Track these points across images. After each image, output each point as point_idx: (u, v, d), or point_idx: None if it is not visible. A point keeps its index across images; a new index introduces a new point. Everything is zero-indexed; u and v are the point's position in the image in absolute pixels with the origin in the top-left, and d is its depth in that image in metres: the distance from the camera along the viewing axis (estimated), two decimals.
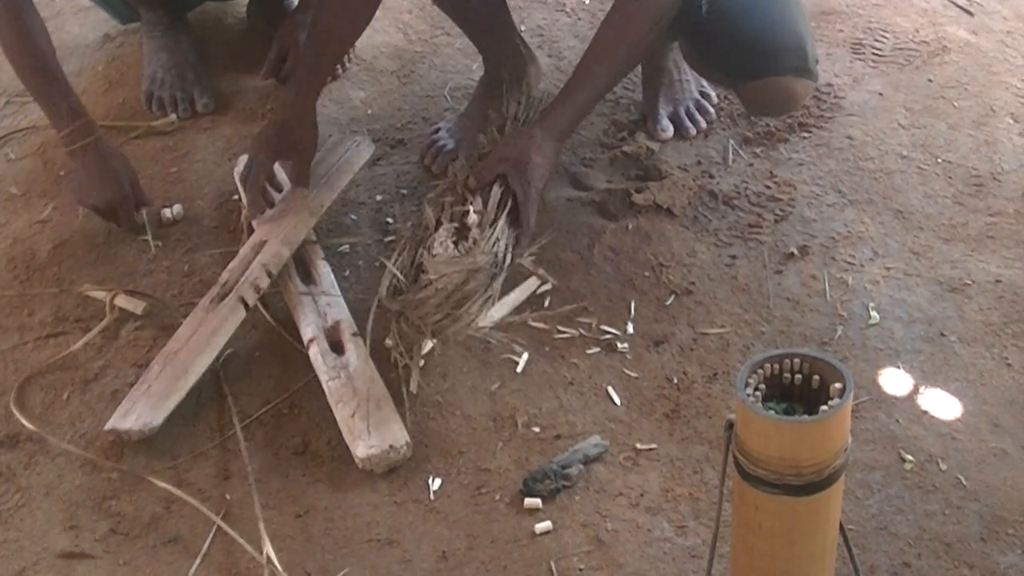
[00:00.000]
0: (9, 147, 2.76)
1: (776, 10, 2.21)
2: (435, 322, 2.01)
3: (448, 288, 2.01)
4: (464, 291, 2.02)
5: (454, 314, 2.01)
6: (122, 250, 2.45)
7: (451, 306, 2.01)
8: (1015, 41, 2.92)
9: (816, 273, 2.31)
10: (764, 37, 2.20)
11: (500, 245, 2.08)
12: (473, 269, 2.02)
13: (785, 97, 2.28)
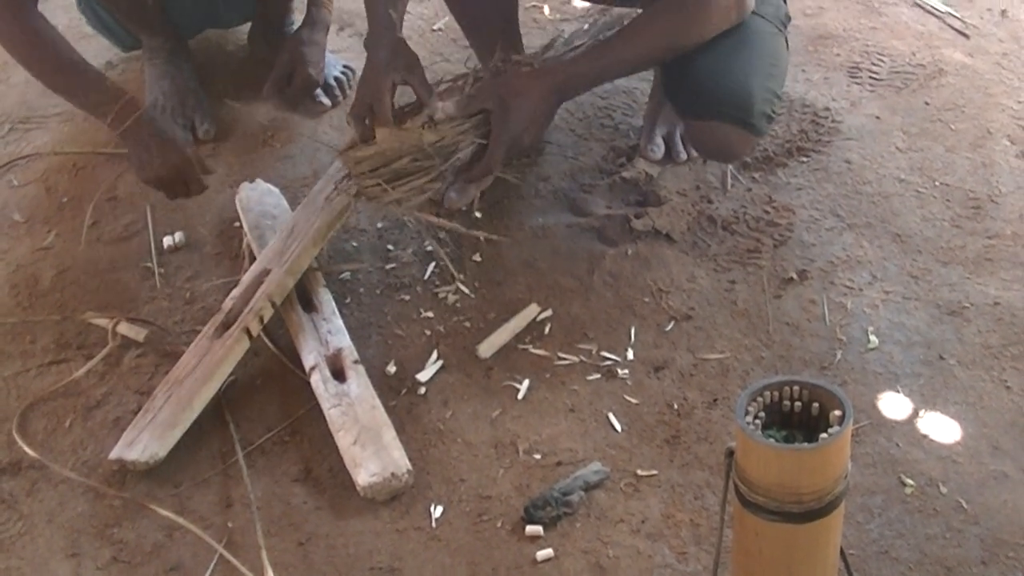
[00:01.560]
0: (12, 174, 2.76)
1: (737, 58, 2.21)
2: (366, 185, 2.09)
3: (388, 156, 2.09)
4: (403, 167, 2.09)
5: (384, 185, 2.09)
6: (124, 277, 2.46)
7: (387, 176, 2.09)
8: (1011, 63, 2.93)
9: (815, 297, 2.31)
10: (712, 81, 2.19)
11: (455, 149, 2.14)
12: (415, 146, 2.09)
13: (722, 144, 2.28)
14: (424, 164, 2.11)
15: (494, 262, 2.41)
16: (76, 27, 3.11)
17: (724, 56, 2.20)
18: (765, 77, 2.25)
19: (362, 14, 2.92)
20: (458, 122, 2.15)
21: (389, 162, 2.10)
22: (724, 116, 2.21)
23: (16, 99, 2.99)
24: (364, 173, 2.11)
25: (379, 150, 2.12)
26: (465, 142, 2.15)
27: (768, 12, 2.33)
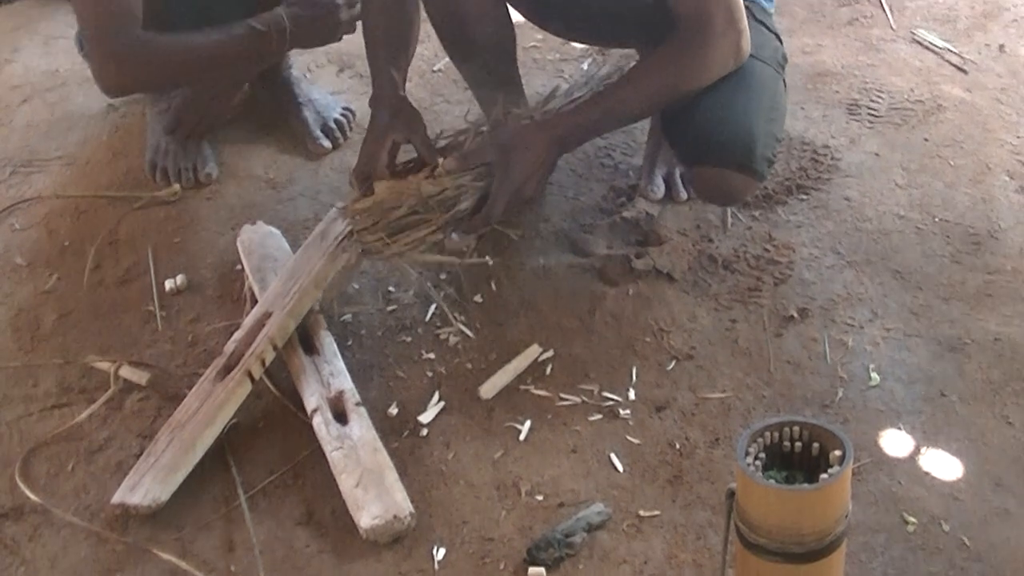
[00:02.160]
0: (14, 217, 2.78)
1: (737, 103, 2.23)
2: (368, 241, 2.12)
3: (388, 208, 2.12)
4: (405, 221, 2.12)
5: (386, 239, 2.12)
6: (126, 320, 2.47)
7: (388, 229, 2.12)
8: (1009, 98, 2.96)
9: (816, 335, 2.32)
10: (714, 127, 2.22)
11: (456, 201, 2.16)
12: (415, 198, 2.13)
13: (724, 189, 2.30)
14: (425, 216, 2.14)
15: (495, 303, 2.43)
16: (78, 70, 3.15)
17: (724, 101, 2.23)
18: (766, 121, 2.28)
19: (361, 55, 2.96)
20: (459, 174, 2.18)
21: (389, 214, 2.13)
22: (726, 162, 2.23)
23: (18, 142, 3.01)
24: (366, 228, 2.14)
25: (378, 200, 2.15)
26: (466, 195, 2.18)
27: (766, 55, 2.36)
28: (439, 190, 2.15)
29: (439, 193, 2.15)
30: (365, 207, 2.15)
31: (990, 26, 3.23)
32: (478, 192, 2.20)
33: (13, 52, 3.37)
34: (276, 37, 2.57)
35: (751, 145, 2.23)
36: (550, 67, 3.10)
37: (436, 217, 2.16)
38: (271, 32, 2.56)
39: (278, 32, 2.56)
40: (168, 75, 2.58)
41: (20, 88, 3.22)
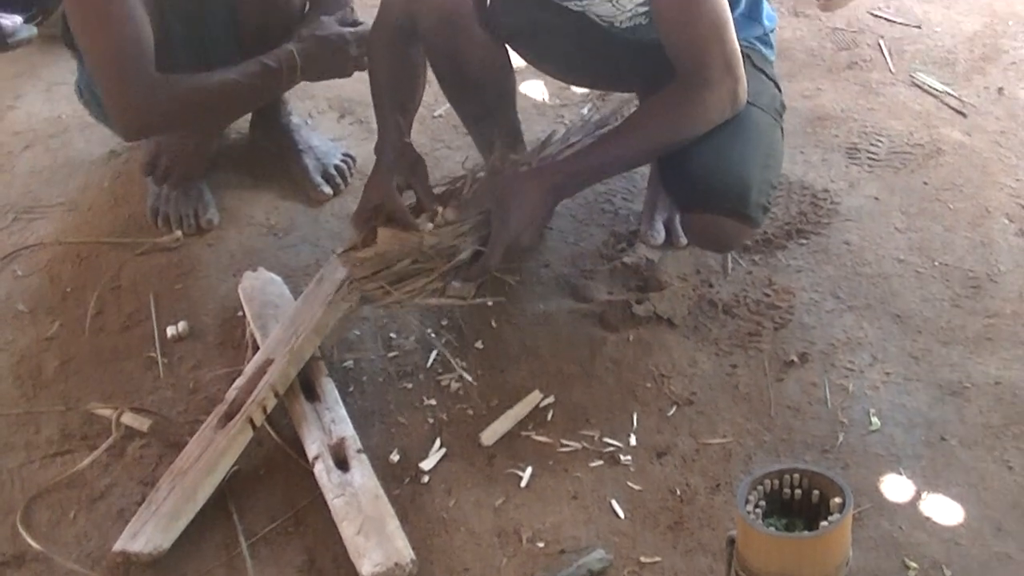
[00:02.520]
0: (16, 264, 2.79)
1: (733, 150, 2.26)
2: (368, 288, 2.15)
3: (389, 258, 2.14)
4: (404, 270, 2.15)
5: (387, 287, 2.14)
6: (128, 367, 2.49)
7: (388, 278, 2.14)
8: (1008, 141, 2.98)
9: (816, 380, 2.34)
10: (709, 173, 2.25)
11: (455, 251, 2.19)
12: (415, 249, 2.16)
13: (719, 235, 2.33)
14: (425, 266, 2.17)
15: (496, 349, 2.45)
16: (79, 116, 3.17)
17: (721, 148, 2.25)
18: (762, 168, 2.30)
19: (362, 101, 3.01)
20: (458, 224, 2.21)
21: (390, 264, 2.16)
22: (721, 209, 2.26)
23: (21, 188, 3.03)
24: (366, 276, 2.17)
25: (379, 251, 2.19)
26: (465, 243, 2.20)
27: (764, 102, 2.38)
28: (438, 240, 2.18)
29: (438, 242, 2.18)
30: (366, 256, 2.18)
31: (989, 69, 3.25)
32: (477, 241, 2.23)
33: (16, 98, 3.39)
34: (287, 74, 2.62)
35: (746, 192, 2.25)
36: (550, 113, 3.12)
37: (436, 266, 2.18)
38: (283, 68, 2.60)
39: (289, 69, 2.61)
40: (187, 115, 2.61)
41: (22, 134, 3.24)
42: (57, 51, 3.39)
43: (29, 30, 3.46)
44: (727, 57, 2.20)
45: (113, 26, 2.46)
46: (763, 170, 2.30)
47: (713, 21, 2.17)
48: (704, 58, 2.18)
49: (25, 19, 3.46)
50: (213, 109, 2.64)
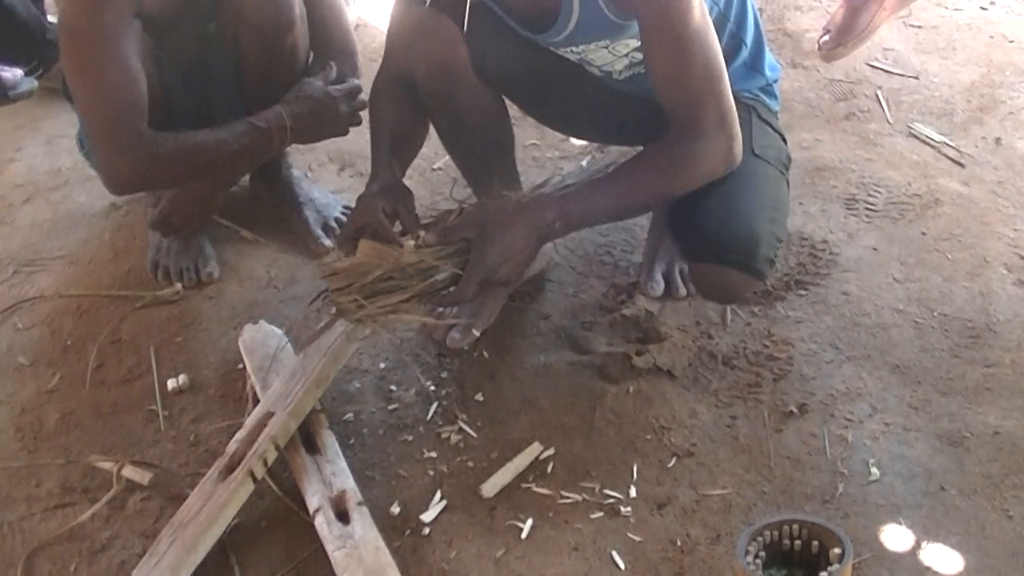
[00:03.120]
0: (17, 316, 2.83)
1: (742, 203, 2.29)
2: (341, 301, 2.13)
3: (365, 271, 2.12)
4: (380, 285, 2.12)
5: (359, 300, 2.11)
6: (129, 420, 2.52)
7: (363, 291, 2.12)
8: (1006, 191, 3.01)
9: (816, 431, 2.37)
10: (718, 225, 2.28)
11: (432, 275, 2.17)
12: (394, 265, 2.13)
13: (725, 287, 2.36)
14: (401, 284, 2.15)
15: (496, 401, 2.48)
16: (80, 169, 3.22)
17: (730, 201, 2.29)
18: (769, 221, 2.34)
19: (362, 154, 3.05)
20: (440, 248, 2.19)
21: (365, 277, 2.14)
22: (728, 261, 2.29)
23: (21, 242, 3.07)
24: (340, 288, 2.15)
25: (357, 263, 2.17)
26: (444, 267, 2.18)
27: (771, 155, 2.43)
28: (418, 260, 2.16)
29: (417, 263, 2.16)
30: (343, 267, 2.17)
31: (986, 119, 3.29)
32: (457, 265, 2.20)
33: (16, 151, 3.44)
34: (277, 134, 2.65)
35: (754, 245, 2.29)
36: (549, 164, 3.17)
37: (412, 284, 2.16)
38: (272, 129, 2.64)
39: (278, 129, 2.65)
40: (174, 172, 2.65)
41: (23, 187, 3.29)
42: (58, 104, 3.44)
43: (30, 83, 3.53)
44: (721, 112, 2.22)
45: (106, 80, 2.51)
46: (770, 224, 2.34)
47: (707, 75, 2.20)
48: (697, 111, 2.21)
49: (26, 72, 3.53)
50: (201, 168, 2.67)
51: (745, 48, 2.50)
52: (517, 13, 2.36)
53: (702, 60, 2.19)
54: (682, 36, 2.17)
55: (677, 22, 2.16)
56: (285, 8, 2.68)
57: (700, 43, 2.18)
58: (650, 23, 2.18)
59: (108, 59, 2.50)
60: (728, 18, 2.42)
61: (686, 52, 2.18)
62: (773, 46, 3.59)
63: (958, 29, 3.70)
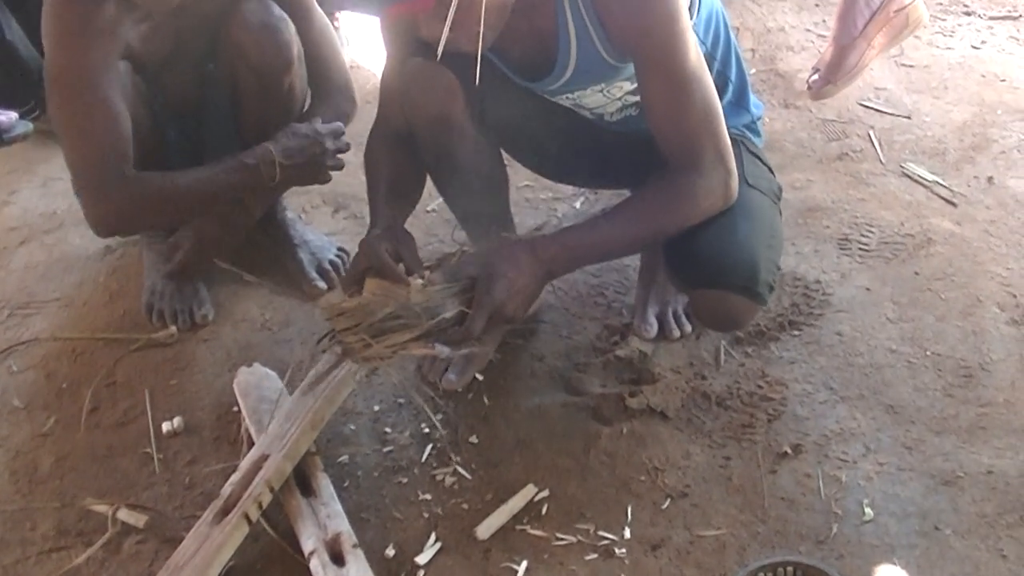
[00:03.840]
0: (12, 359, 2.84)
1: (739, 229, 2.31)
2: (348, 341, 2.12)
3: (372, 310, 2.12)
4: (387, 324, 2.12)
5: (367, 340, 2.11)
6: (124, 463, 2.53)
7: (370, 331, 2.11)
8: (999, 230, 3.04)
9: (810, 471, 2.39)
10: (717, 251, 2.29)
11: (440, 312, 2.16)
12: (400, 304, 2.13)
13: (727, 313, 2.36)
14: (408, 322, 2.14)
15: (491, 443, 2.49)
16: (75, 211, 3.21)
17: (727, 227, 2.30)
18: (767, 248, 2.36)
19: (356, 196, 3.08)
20: (445, 287, 2.20)
21: (372, 315, 2.14)
22: (730, 286, 2.30)
23: (15, 285, 3.09)
24: (348, 328, 2.14)
25: (364, 302, 2.17)
26: (450, 306, 2.18)
27: (764, 186, 2.46)
28: (425, 298, 2.16)
29: (424, 301, 2.16)
30: (349, 307, 2.17)
31: (979, 159, 3.32)
32: (463, 303, 2.20)
33: (11, 194, 3.47)
34: (265, 170, 2.67)
35: (755, 269, 2.30)
36: (543, 206, 3.19)
37: (419, 323, 2.15)
38: (260, 165, 2.67)
39: (266, 164, 2.67)
40: (159, 213, 2.69)
41: (18, 230, 3.31)
42: (52, 147, 3.46)
43: (25, 126, 3.55)
44: (718, 147, 2.25)
45: (89, 123, 2.55)
46: (768, 250, 2.37)
47: (704, 111, 2.23)
48: (696, 147, 2.23)
49: (23, 113, 3.56)
50: (188, 207, 2.71)
51: (731, 85, 2.54)
52: (514, 62, 2.39)
53: (700, 98, 2.22)
54: (680, 74, 2.20)
55: (674, 61, 2.19)
56: (284, 48, 2.71)
57: (697, 81, 2.22)
58: (648, 63, 2.21)
59: (92, 102, 2.54)
60: (715, 57, 2.46)
61: (684, 90, 2.21)
62: (765, 86, 3.64)
63: (950, 68, 3.74)
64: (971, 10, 4.07)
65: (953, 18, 4.03)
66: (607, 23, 2.23)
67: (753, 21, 3.97)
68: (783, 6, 4.09)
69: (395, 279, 2.20)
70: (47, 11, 2.54)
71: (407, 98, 2.44)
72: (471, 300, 2.17)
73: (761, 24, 3.97)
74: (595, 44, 2.27)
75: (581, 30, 2.25)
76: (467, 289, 2.19)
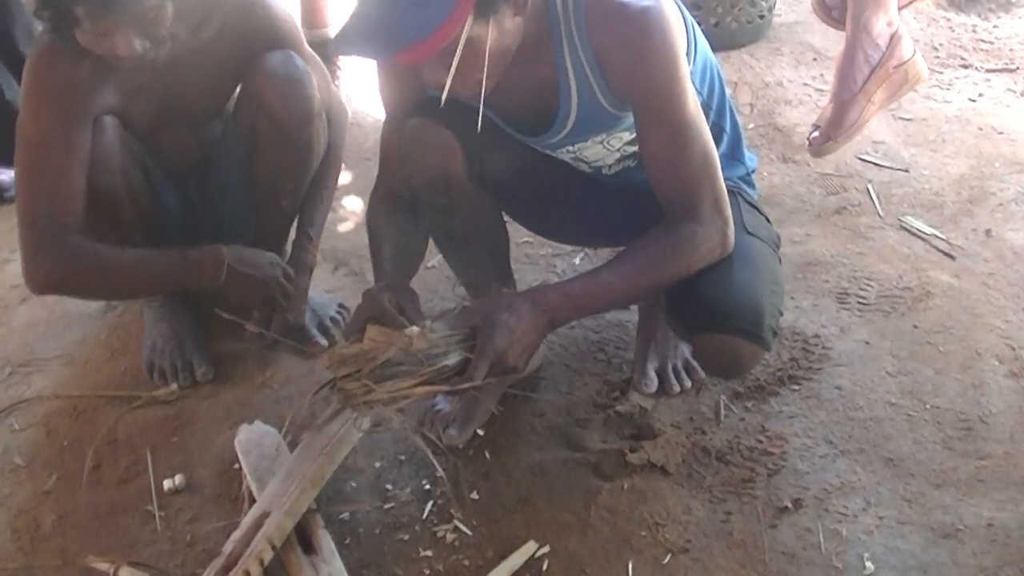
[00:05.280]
0: (13, 417, 2.86)
1: (742, 274, 2.34)
2: (350, 388, 2.11)
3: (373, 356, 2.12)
4: (389, 370, 2.12)
5: (369, 385, 2.10)
6: (125, 520, 2.55)
7: (372, 376, 2.11)
8: (997, 282, 3.08)
9: (810, 525, 2.41)
10: (721, 294, 2.32)
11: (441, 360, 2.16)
12: (402, 351, 2.12)
13: (731, 357, 2.39)
14: (409, 369, 2.14)
15: (491, 499, 2.51)
16: None
17: (730, 273, 2.34)
18: (770, 293, 2.40)
19: (356, 253, 3.11)
20: (447, 335, 2.20)
21: (372, 362, 2.14)
22: (734, 329, 2.33)
23: (17, 342, 3.12)
24: (349, 375, 2.14)
25: (364, 349, 2.16)
26: (452, 354, 2.18)
27: (763, 234, 2.50)
28: (427, 345, 2.16)
29: (426, 348, 2.16)
30: (350, 353, 2.16)
31: (976, 211, 3.37)
32: (466, 350, 2.20)
33: (12, 252, 3.47)
34: (210, 270, 2.68)
35: (759, 313, 2.34)
36: (542, 262, 3.23)
37: (421, 370, 2.15)
38: (205, 264, 2.68)
39: (213, 265, 2.68)
40: (92, 285, 2.70)
41: (20, 287, 3.29)
42: None
43: None
44: (716, 197, 2.29)
45: (40, 182, 2.59)
46: (771, 295, 2.40)
47: (703, 159, 2.27)
48: (694, 196, 2.27)
49: None
50: (118, 288, 2.74)
51: (726, 136, 2.58)
52: (513, 116, 2.44)
53: (699, 146, 2.27)
54: (679, 123, 2.24)
55: (675, 108, 2.24)
56: (307, 101, 2.76)
57: (696, 129, 2.26)
58: (648, 110, 2.26)
59: (43, 162, 2.58)
60: (710, 107, 2.50)
61: (683, 138, 2.25)
62: (764, 141, 3.69)
63: (947, 121, 3.80)
64: (968, 63, 4.14)
65: (950, 71, 4.10)
66: (607, 70, 2.26)
67: (751, 76, 4.03)
68: (781, 61, 4.16)
69: (397, 327, 2.20)
70: (26, 67, 2.59)
71: (407, 159, 2.47)
72: (473, 348, 2.18)
73: (759, 79, 4.03)
74: (595, 92, 2.31)
75: (581, 79, 2.29)
76: (469, 338, 2.20)
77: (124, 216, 2.77)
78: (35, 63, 2.57)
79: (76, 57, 2.50)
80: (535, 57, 2.27)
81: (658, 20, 2.20)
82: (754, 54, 4.16)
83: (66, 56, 2.52)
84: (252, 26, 2.71)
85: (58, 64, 2.54)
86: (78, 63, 2.53)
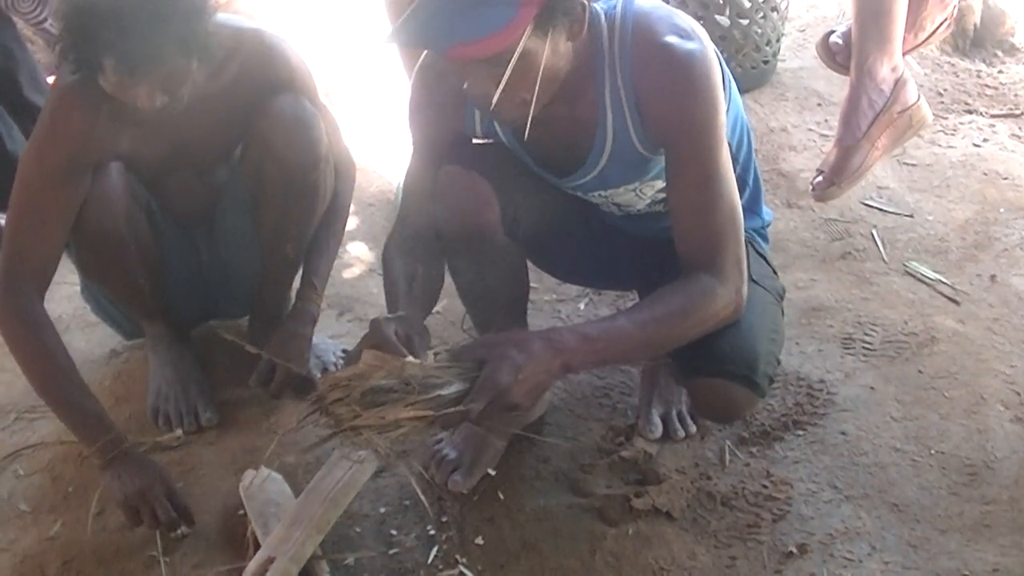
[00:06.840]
0: (18, 463, 2.88)
1: (742, 320, 2.35)
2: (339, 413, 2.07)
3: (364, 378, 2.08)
4: (380, 396, 2.07)
5: (358, 410, 2.06)
6: (130, 566, 2.57)
7: (362, 402, 2.06)
8: (1002, 328, 3.12)
9: (815, 571, 2.43)
10: (718, 339, 2.32)
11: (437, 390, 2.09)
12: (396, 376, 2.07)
13: (726, 401, 2.41)
14: (402, 396, 2.09)
15: (496, 545, 2.53)
16: (80, 315, 3.31)
17: None
18: (768, 341, 2.43)
19: (361, 299, 3.14)
20: (447, 365, 2.14)
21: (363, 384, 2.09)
22: (729, 374, 2.36)
23: (22, 388, 3.09)
24: (339, 399, 2.08)
25: (356, 372, 2.11)
26: (451, 385, 2.10)
27: (767, 284, 2.54)
28: (422, 373, 2.10)
29: (422, 376, 2.09)
30: (343, 376, 2.12)
31: (981, 257, 3.41)
32: (466, 381, 2.11)
33: None
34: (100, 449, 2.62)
35: (755, 359, 2.37)
36: (547, 308, 3.26)
37: (413, 399, 2.09)
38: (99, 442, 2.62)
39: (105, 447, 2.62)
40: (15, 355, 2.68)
41: None
42: None
43: None
44: (738, 255, 2.30)
45: (26, 229, 2.62)
46: (769, 343, 2.44)
47: (729, 214, 2.28)
48: (717, 250, 2.27)
49: None
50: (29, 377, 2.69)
51: (748, 189, 2.61)
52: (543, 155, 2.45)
53: (727, 200, 2.28)
54: (711, 173, 2.27)
55: (709, 156, 2.26)
56: (314, 144, 2.78)
57: (726, 184, 2.28)
58: (681, 156, 2.28)
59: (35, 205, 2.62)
60: (737, 160, 2.49)
61: (713, 187, 2.27)
62: (768, 186, 3.72)
63: (952, 167, 3.84)
64: (972, 108, 4.18)
65: (955, 116, 4.14)
66: (646, 111, 2.29)
67: (755, 121, 4.07)
68: (785, 106, 4.20)
69: (394, 352, 2.14)
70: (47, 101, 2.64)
71: (440, 206, 2.47)
72: (471, 379, 2.10)
73: (763, 124, 4.07)
74: (630, 132, 2.32)
75: (619, 117, 2.31)
76: (472, 370, 2.13)
77: (128, 261, 2.80)
78: (56, 103, 2.61)
79: (96, 101, 2.53)
80: (578, 93, 2.29)
81: (703, 66, 2.23)
82: (758, 99, 4.21)
83: (87, 100, 2.55)
84: (268, 76, 2.73)
85: (79, 109, 2.58)
86: (97, 108, 2.57)
